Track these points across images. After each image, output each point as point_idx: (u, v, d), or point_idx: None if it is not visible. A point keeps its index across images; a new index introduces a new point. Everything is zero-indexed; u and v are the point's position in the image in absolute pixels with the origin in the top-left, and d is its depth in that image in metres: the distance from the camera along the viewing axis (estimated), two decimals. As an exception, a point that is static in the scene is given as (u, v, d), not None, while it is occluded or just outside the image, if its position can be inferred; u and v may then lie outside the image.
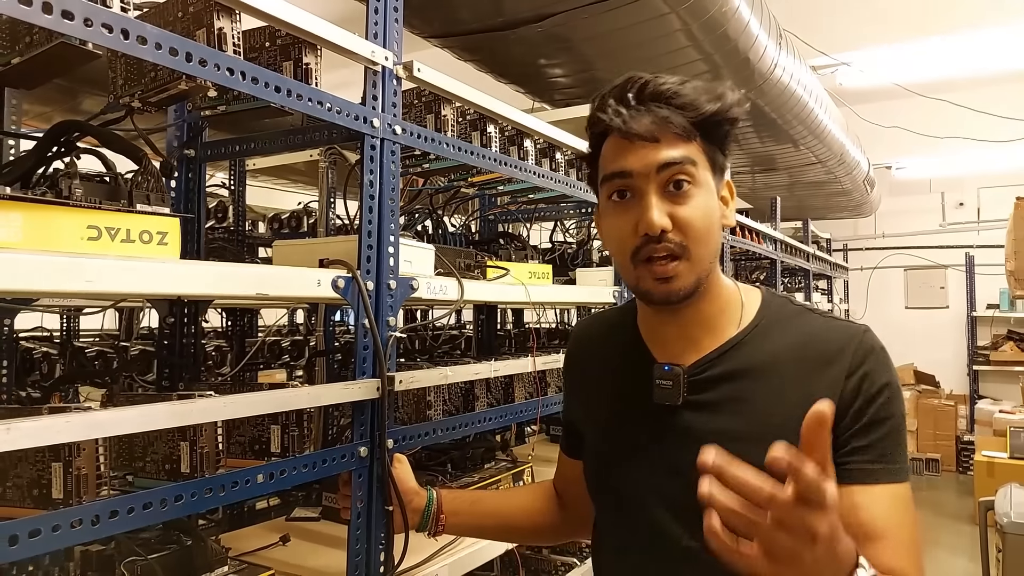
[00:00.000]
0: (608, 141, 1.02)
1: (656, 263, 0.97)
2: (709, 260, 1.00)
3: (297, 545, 1.66)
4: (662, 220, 0.95)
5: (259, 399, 1.14)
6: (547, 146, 2.06)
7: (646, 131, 0.95)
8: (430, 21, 2.76)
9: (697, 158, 0.98)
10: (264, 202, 2.95)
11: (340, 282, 1.27)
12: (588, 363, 1.23)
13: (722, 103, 0.98)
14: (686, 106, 0.97)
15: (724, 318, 1.05)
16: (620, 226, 1.00)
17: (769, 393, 0.99)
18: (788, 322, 1.04)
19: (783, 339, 1.02)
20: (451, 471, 2.02)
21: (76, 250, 0.94)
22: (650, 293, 1.00)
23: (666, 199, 0.97)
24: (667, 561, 1.03)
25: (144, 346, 2.33)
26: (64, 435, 0.86)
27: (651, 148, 0.96)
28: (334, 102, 1.29)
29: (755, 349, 1.02)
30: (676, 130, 0.96)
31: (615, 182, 1.00)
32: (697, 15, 2.76)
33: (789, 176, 5.75)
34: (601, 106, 1.00)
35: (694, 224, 0.96)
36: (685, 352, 1.05)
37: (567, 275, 2.52)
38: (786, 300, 1.10)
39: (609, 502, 1.14)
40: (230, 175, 2.31)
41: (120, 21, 0.94)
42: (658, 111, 0.96)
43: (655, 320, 1.10)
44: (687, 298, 1.00)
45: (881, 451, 0.94)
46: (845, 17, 5.61)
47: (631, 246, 0.98)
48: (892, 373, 0.99)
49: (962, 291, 8.52)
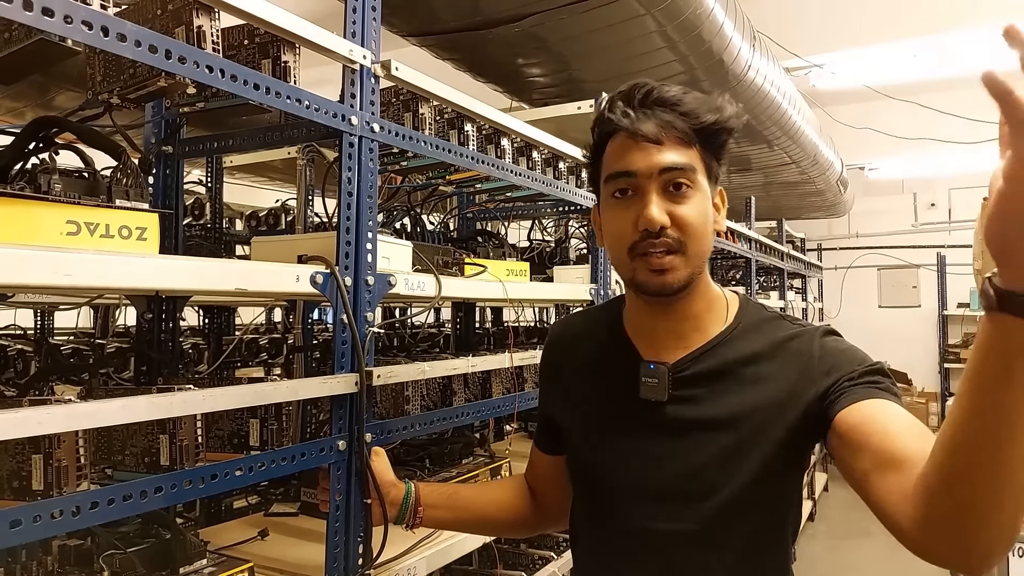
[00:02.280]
0: (613, 141, 1.07)
1: (652, 256, 1.03)
2: (702, 258, 1.07)
3: (276, 539, 1.67)
4: (662, 217, 1.01)
5: (239, 392, 1.15)
6: (524, 145, 2.08)
7: (651, 133, 1.01)
8: (408, 20, 2.77)
9: (696, 164, 1.04)
10: (242, 200, 2.95)
11: (319, 278, 1.29)
12: (569, 359, 1.27)
13: (721, 114, 1.04)
14: (688, 113, 1.03)
15: (710, 316, 1.12)
16: (620, 221, 1.05)
17: (747, 387, 1.05)
18: (763, 325, 1.11)
19: (760, 340, 1.09)
20: (429, 466, 2.04)
21: (55, 245, 0.95)
22: (646, 284, 1.05)
23: (666, 199, 1.03)
24: (649, 551, 1.08)
25: (120, 344, 2.33)
26: (45, 426, 0.87)
27: (655, 150, 1.02)
28: (312, 100, 1.30)
29: (736, 348, 1.08)
30: (678, 135, 1.03)
31: (619, 181, 1.05)
32: (672, 16, 2.80)
33: (764, 176, 5.82)
34: (610, 107, 1.06)
35: (691, 222, 1.03)
36: (672, 349, 1.11)
37: (545, 273, 2.55)
38: (760, 305, 1.18)
39: (592, 492, 1.18)
40: (207, 172, 2.31)
41: (100, 18, 0.95)
42: (663, 115, 1.02)
43: (645, 316, 1.15)
44: (680, 291, 1.05)
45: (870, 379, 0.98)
46: (818, 20, 5.69)
47: (630, 240, 1.04)
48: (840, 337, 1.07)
49: (934, 290, 8.67)
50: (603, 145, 1.09)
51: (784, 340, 1.08)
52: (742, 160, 5.29)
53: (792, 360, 1.05)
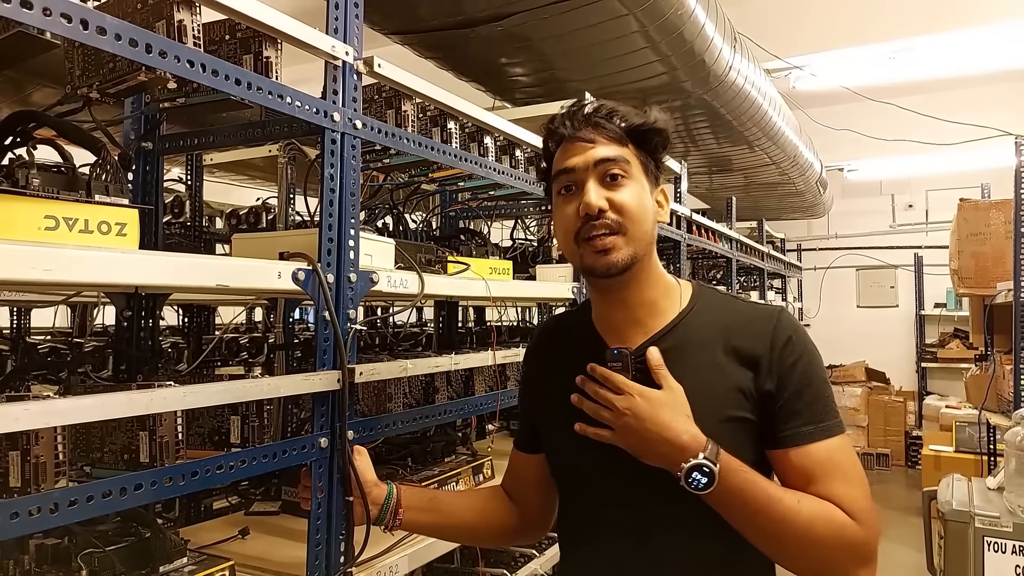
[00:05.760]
0: (558, 149, 1.20)
1: (596, 239, 1.13)
2: (645, 240, 1.16)
3: (257, 538, 1.66)
4: (599, 201, 1.12)
5: (220, 389, 1.14)
6: (507, 143, 2.09)
7: (585, 135, 1.16)
8: (390, 17, 2.76)
9: (630, 158, 1.16)
10: (221, 198, 2.92)
11: (300, 274, 1.28)
12: (547, 356, 1.35)
13: (648, 117, 1.18)
14: (619, 118, 1.17)
15: (665, 302, 1.21)
16: (566, 213, 1.17)
17: (702, 363, 1.14)
18: (718, 306, 1.21)
19: (714, 319, 1.18)
20: (411, 464, 2.03)
21: (33, 240, 0.94)
22: (592, 267, 1.14)
23: (603, 187, 1.14)
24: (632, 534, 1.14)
25: (98, 343, 2.31)
26: (23, 422, 0.86)
27: (590, 148, 1.15)
28: (295, 96, 1.30)
29: (692, 328, 1.18)
30: (611, 135, 1.16)
31: (561, 178, 1.18)
32: (654, 17, 2.81)
33: (744, 177, 5.87)
34: (554, 122, 1.21)
35: (628, 205, 1.13)
36: (634, 335, 1.19)
37: (527, 272, 2.55)
38: (714, 289, 1.27)
39: (570, 476, 1.26)
40: (187, 170, 2.29)
41: (79, 11, 0.95)
42: (597, 121, 1.17)
43: (606, 307, 1.23)
44: (625, 270, 1.14)
45: (812, 413, 1.09)
46: (798, 22, 5.74)
47: (574, 228, 1.15)
48: (808, 343, 1.14)
49: (911, 291, 8.76)
50: (551, 159, 1.23)
51: (739, 318, 1.17)
52: (723, 161, 5.33)
53: (747, 339, 1.13)
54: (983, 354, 4.38)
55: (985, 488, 2.94)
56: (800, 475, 1.06)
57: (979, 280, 4.19)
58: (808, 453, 1.07)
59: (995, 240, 4.14)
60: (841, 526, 1.02)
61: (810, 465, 1.06)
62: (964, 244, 4.28)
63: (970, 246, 4.26)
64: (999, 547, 2.60)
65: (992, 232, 4.17)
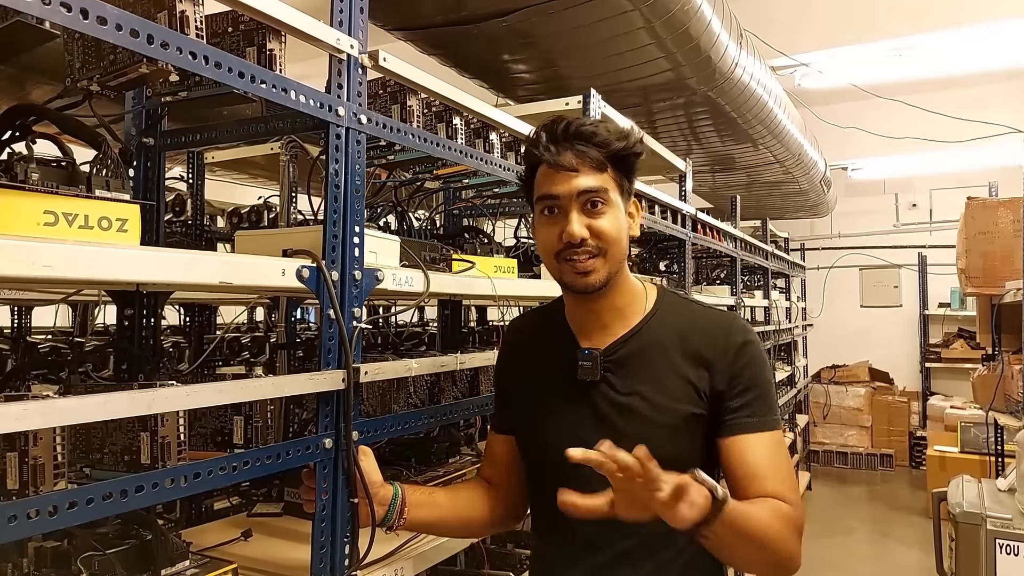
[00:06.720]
0: (540, 169, 1.29)
1: (577, 261, 1.25)
2: (619, 259, 1.29)
3: (260, 540, 1.63)
4: (582, 231, 1.24)
5: (223, 388, 1.12)
6: (512, 140, 2.06)
7: (568, 164, 1.24)
8: (393, 13, 2.74)
9: (608, 185, 1.26)
10: (223, 197, 2.90)
11: (305, 272, 1.26)
12: (524, 348, 1.49)
13: (627, 141, 1.27)
14: (600, 144, 1.25)
15: (632, 308, 1.34)
16: (548, 234, 1.28)
17: (663, 363, 1.29)
18: (678, 309, 1.36)
19: (674, 323, 1.33)
20: (415, 465, 2.01)
21: (32, 235, 0.91)
22: (573, 284, 1.29)
23: (584, 214, 1.25)
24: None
25: (99, 342, 2.28)
26: (22, 423, 0.83)
27: (573, 176, 1.24)
28: (299, 89, 1.27)
29: (653, 332, 1.32)
30: (592, 162, 1.25)
31: (545, 202, 1.28)
32: (659, 13, 2.79)
33: (747, 176, 5.83)
34: (534, 143, 1.29)
35: (607, 232, 1.25)
36: (602, 337, 1.33)
37: (532, 271, 2.52)
38: (674, 293, 1.43)
39: (539, 463, 1.38)
40: (188, 168, 2.27)
41: (79, 0, 0.92)
42: (579, 147, 1.24)
43: (578, 310, 1.37)
44: (601, 288, 1.27)
45: (755, 408, 1.25)
46: (805, 18, 5.72)
47: (556, 248, 1.27)
48: (757, 349, 1.30)
49: (915, 290, 8.73)
50: (533, 171, 1.31)
51: (694, 320, 1.32)
52: (726, 159, 5.30)
53: (703, 343, 1.28)
54: (990, 354, 4.35)
55: (996, 489, 2.90)
56: (741, 462, 1.22)
57: (987, 279, 4.16)
58: (748, 441, 1.23)
59: (1003, 239, 4.11)
60: (786, 515, 1.17)
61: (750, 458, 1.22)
62: (972, 243, 4.25)
63: (978, 245, 4.23)
64: (1011, 549, 2.57)
65: (1000, 231, 4.13)
